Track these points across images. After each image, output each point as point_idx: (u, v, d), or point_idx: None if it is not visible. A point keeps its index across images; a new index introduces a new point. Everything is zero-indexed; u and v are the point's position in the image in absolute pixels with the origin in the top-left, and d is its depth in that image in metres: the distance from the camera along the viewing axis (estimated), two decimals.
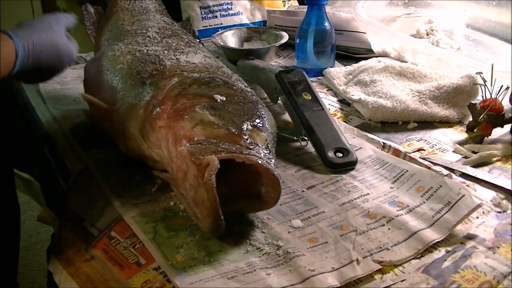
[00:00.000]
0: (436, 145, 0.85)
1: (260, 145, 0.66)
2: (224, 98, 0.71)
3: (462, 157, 0.82)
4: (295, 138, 0.73)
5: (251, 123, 0.68)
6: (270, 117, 0.75)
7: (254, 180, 0.65)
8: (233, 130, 0.66)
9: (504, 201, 0.71)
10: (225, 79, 0.77)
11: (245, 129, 0.67)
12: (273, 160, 0.66)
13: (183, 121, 0.67)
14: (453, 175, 0.76)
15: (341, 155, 0.80)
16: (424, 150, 0.84)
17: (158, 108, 0.71)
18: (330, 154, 0.79)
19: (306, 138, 0.75)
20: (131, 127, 0.74)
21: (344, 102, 1.01)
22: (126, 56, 0.84)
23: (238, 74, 0.85)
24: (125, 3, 1.03)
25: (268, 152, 0.66)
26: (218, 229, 0.61)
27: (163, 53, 0.83)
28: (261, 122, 0.70)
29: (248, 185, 0.66)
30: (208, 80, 0.75)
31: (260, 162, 0.62)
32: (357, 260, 0.61)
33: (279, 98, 0.93)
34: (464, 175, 0.76)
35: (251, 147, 0.64)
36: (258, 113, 0.72)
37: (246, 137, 0.66)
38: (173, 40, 0.89)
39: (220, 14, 1.35)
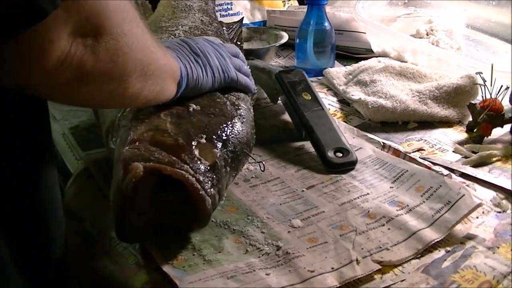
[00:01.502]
0: (436, 145, 0.85)
1: (203, 161, 0.62)
2: (199, 108, 0.69)
3: (462, 157, 0.82)
4: (255, 161, 0.75)
5: (207, 137, 0.65)
6: (245, 136, 0.71)
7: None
8: (180, 142, 0.62)
9: (504, 201, 0.71)
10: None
11: (194, 142, 0.63)
12: (213, 180, 0.62)
13: (142, 124, 0.65)
14: (453, 175, 0.76)
15: (341, 155, 0.80)
16: (424, 150, 0.84)
17: (129, 110, 0.69)
18: (330, 154, 0.79)
19: (263, 164, 0.76)
20: (107, 121, 0.73)
21: (344, 102, 1.01)
22: None
23: None
24: (171, 1, 0.99)
25: (210, 170, 0.62)
26: (122, 235, 0.60)
27: None
28: (220, 138, 0.66)
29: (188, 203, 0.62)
30: None
31: (187, 176, 0.58)
32: (357, 260, 0.61)
33: (279, 98, 0.93)
34: (464, 175, 0.76)
35: (189, 161, 0.60)
36: (225, 128, 0.68)
37: (190, 151, 0.62)
38: None
39: (220, 14, 1.35)
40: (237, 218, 0.69)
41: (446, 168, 0.78)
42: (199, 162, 0.61)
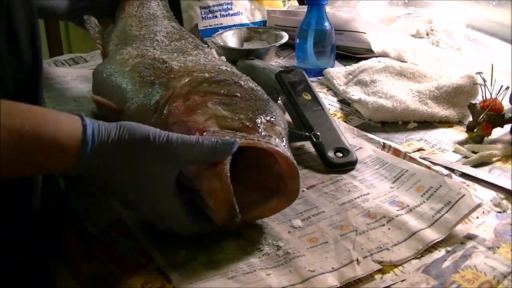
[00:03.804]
0: (436, 145, 0.85)
1: (274, 137, 0.65)
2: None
3: (462, 157, 0.82)
4: (306, 134, 0.73)
5: (265, 118, 0.68)
6: (281, 114, 0.74)
7: (266, 179, 0.65)
8: (248, 123, 0.65)
9: (504, 201, 0.71)
10: (234, 78, 0.76)
11: (259, 122, 0.67)
12: (290, 152, 0.65)
13: (195, 116, 0.66)
14: (453, 175, 0.76)
15: (341, 155, 0.80)
16: (424, 150, 0.84)
17: (170, 106, 0.70)
18: (330, 154, 0.79)
19: (318, 134, 0.75)
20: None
21: (344, 102, 1.01)
22: (135, 59, 0.84)
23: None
24: (133, 10, 1.03)
25: (284, 144, 0.66)
26: (232, 220, 0.60)
27: (172, 55, 0.84)
28: (274, 118, 0.69)
29: (262, 184, 0.65)
30: (219, 79, 0.74)
31: (278, 149, 0.62)
32: (357, 260, 0.61)
33: (279, 98, 0.93)
34: (464, 175, 0.77)
35: (267, 138, 0.64)
36: (270, 109, 0.71)
37: (261, 130, 0.65)
38: (181, 43, 0.90)
39: (220, 14, 1.35)
40: None
41: (446, 168, 0.78)
42: (273, 138, 0.64)
